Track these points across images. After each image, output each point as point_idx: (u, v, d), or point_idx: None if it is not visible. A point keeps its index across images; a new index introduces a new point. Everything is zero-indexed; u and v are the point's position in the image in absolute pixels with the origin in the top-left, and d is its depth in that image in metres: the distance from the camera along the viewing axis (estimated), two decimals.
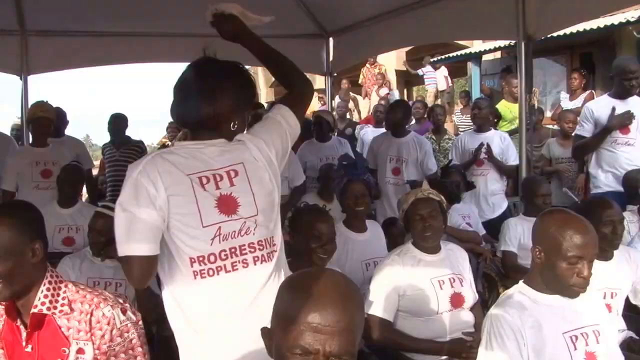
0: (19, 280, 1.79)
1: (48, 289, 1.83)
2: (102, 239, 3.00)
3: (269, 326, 1.33)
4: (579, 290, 2.05)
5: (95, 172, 6.74)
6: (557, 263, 2.02)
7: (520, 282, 2.18)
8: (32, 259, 1.80)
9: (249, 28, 2.17)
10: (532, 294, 2.10)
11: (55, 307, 1.82)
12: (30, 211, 1.93)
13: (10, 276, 1.76)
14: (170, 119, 7.46)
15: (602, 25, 8.64)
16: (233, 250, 1.85)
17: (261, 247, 1.88)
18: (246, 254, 1.86)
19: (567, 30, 7.84)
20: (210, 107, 1.88)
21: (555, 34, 6.89)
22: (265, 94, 20.92)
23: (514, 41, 4.66)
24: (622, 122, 4.24)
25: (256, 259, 1.86)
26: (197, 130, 1.94)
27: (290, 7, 5.94)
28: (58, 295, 1.84)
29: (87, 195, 5.90)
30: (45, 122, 4.69)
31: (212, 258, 1.83)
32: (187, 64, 2.01)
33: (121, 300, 1.90)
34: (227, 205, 1.85)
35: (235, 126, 1.93)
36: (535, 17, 4.31)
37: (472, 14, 4.80)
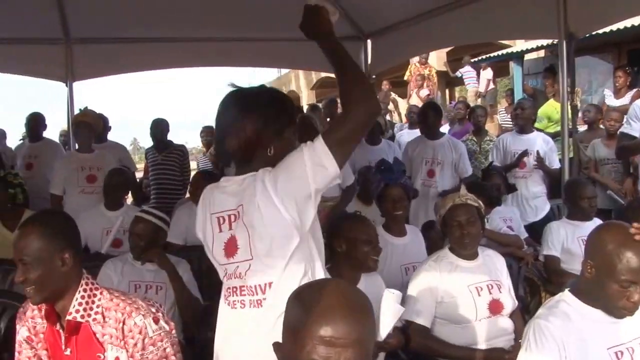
0: (50, 287, 1.85)
1: (83, 297, 1.88)
2: (142, 243, 3.08)
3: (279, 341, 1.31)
4: (626, 314, 1.95)
5: (140, 175, 6.88)
6: (608, 283, 1.92)
7: (567, 290, 2.09)
8: (62, 267, 1.85)
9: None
10: (578, 305, 2.02)
11: (89, 315, 1.87)
12: (63, 220, 1.99)
13: (41, 283, 1.82)
14: (204, 123, 7.62)
15: None
16: (234, 289, 1.88)
17: (252, 293, 1.84)
18: (244, 295, 1.86)
19: (614, 27, 7.63)
20: (234, 139, 1.82)
21: (600, 31, 6.72)
22: (306, 96, 21.04)
23: (556, 40, 4.57)
24: None
25: (251, 302, 1.85)
26: (236, 164, 1.91)
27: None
28: (93, 302, 1.89)
29: (132, 198, 6.02)
30: (85, 126, 4.81)
31: (225, 293, 1.94)
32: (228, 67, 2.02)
33: (154, 309, 1.93)
34: (230, 247, 1.86)
35: (272, 151, 1.83)
36: (576, 14, 4.21)
37: (511, 13, 4.72)
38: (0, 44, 5.36)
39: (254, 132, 1.81)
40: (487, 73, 12.49)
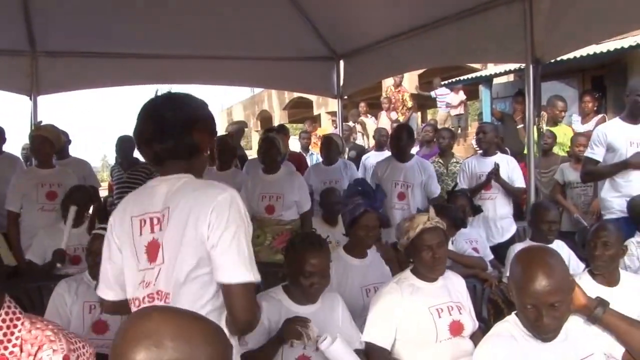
0: None
1: (1, 327, 1.71)
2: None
3: None
4: (544, 338, 1.95)
5: (104, 193, 6.75)
6: (519, 305, 1.97)
7: (513, 313, 2.10)
8: None
9: None
10: (521, 326, 2.02)
11: (6, 348, 1.72)
12: None
13: None
14: None
15: (612, 49, 8.61)
16: (151, 297, 1.83)
17: (151, 300, 1.82)
18: (154, 301, 1.82)
19: (578, 54, 7.82)
20: (163, 143, 1.86)
21: (566, 57, 6.87)
22: (279, 115, 21.08)
23: (523, 64, 4.64)
24: None
25: None
26: (161, 164, 1.90)
27: (301, 29, 5.99)
28: (12, 334, 1.70)
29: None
30: (41, 141, 4.59)
31: (137, 302, 1.87)
32: (198, 85, 2.03)
33: (73, 347, 1.72)
34: (152, 251, 1.83)
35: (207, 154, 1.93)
36: (543, 40, 4.30)
37: (481, 37, 4.81)
38: None
39: (180, 138, 1.85)
40: (461, 95, 12.66)
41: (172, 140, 1.84)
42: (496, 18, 4.57)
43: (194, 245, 1.76)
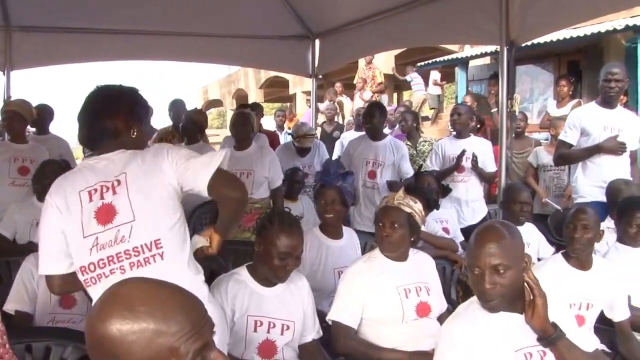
0: None
1: None
2: None
3: None
4: (485, 304, 1.97)
5: None
6: (469, 272, 2.03)
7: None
8: None
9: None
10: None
11: None
12: None
13: None
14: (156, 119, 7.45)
15: (589, 33, 8.65)
16: (110, 258, 1.97)
17: (137, 253, 1.98)
18: (122, 260, 1.98)
19: (554, 37, 7.85)
20: (107, 124, 2.09)
21: (542, 41, 6.90)
22: (255, 94, 20.93)
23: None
24: (614, 150, 4.19)
25: (132, 264, 1.98)
26: (100, 145, 2.12)
27: (277, 8, 5.93)
28: None
29: None
30: (11, 116, 4.54)
31: (92, 267, 1.99)
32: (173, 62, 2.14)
33: None
34: (105, 215, 1.99)
35: (135, 134, 2.13)
36: (517, 22, 4.28)
37: (456, 18, 4.79)
38: None
39: (123, 120, 2.10)
40: (435, 74, 12.66)
41: (86, 128, 2.13)
42: None
43: (164, 194, 2.02)
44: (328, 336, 2.70)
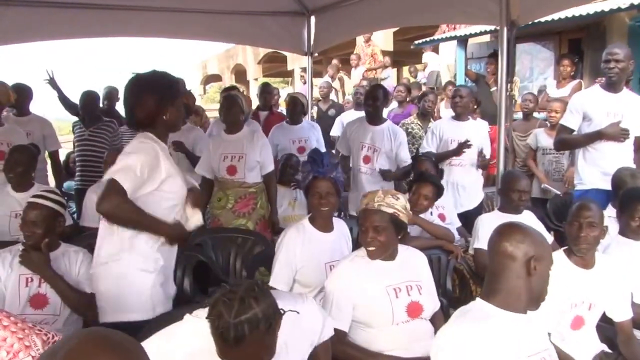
0: None
1: None
2: (39, 231, 2.78)
3: None
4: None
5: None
6: None
7: (478, 298, 1.94)
8: None
9: None
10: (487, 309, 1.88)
11: None
12: None
13: None
14: None
15: (592, 12, 8.44)
16: None
17: None
18: None
19: (556, 16, 7.65)
20: (142, 111, 2.58)
21: (543, 19, 6.72)
22: (253, 69, 20.74)
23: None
24: (616, 137, 4.06)
25: None
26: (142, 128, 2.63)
27: None
28: None
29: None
30: None
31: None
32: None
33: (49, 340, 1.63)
34: None
35: (168, 117, 2.61)
36: (519, 2, 4.15)
37: None
38: None
39: (154, 104, 2.56)
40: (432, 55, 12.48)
41: (127, 117, 2.69)
42: None
43: None
44: None
